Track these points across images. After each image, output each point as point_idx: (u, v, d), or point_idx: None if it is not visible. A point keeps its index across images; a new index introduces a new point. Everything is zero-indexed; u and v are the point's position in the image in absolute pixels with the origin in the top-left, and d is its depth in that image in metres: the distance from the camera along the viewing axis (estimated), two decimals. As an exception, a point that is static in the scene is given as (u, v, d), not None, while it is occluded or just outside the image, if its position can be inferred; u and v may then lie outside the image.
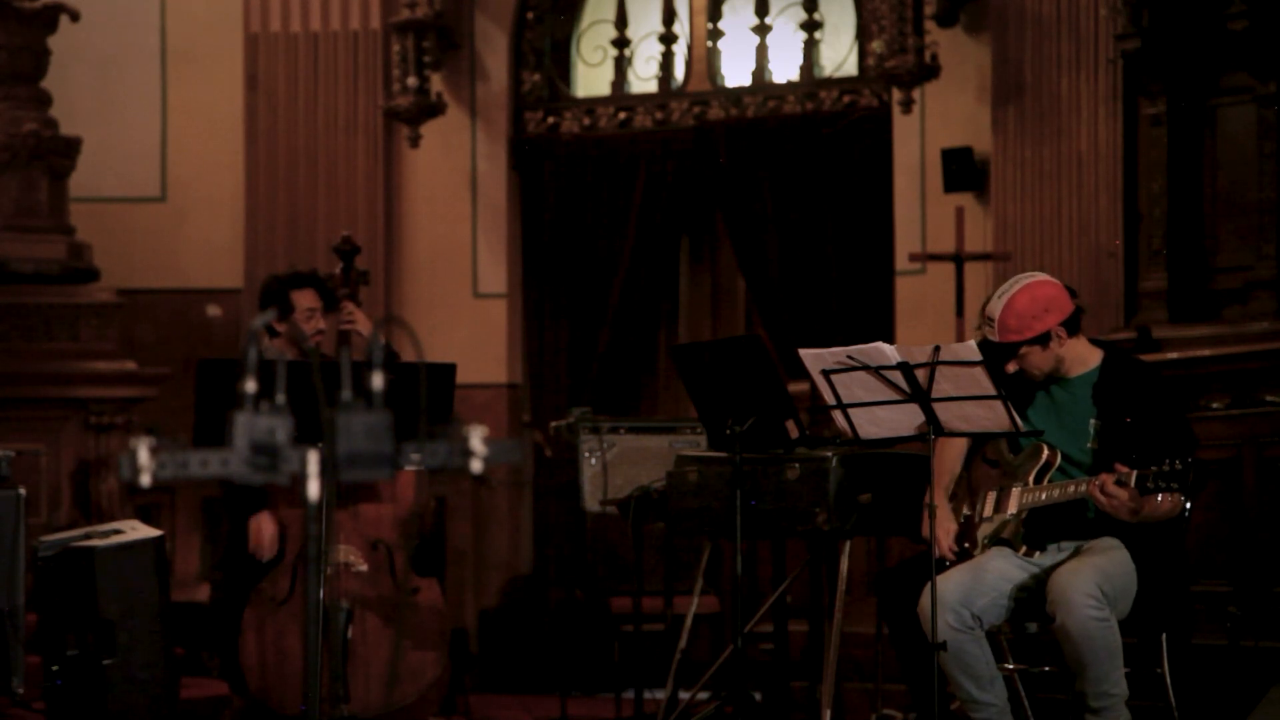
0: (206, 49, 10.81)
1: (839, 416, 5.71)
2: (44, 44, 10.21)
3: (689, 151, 10.46)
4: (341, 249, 7.38)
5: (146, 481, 2.86)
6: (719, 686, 7.13)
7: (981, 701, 5.63)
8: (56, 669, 6.45)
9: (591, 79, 10.87)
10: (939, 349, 5.44)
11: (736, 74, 10.57)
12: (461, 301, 10.72)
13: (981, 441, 5.84)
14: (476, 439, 2.98)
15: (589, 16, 10.88)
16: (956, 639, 5.57)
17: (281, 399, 2.90)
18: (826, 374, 5.61)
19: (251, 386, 2.91)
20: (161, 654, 6.55)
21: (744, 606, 6.35)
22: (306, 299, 7.07)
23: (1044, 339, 5.64)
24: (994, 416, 5.50)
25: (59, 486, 9.77)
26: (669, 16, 10.68)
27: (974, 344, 5.49)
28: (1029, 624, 5.73)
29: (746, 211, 10.24)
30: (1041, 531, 5.70)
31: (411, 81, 10.26)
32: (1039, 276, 5.78)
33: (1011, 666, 5.93)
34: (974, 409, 5.50)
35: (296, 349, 6.99)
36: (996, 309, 5.65)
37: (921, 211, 9.83)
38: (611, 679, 7.85)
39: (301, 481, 2.91)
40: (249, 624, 6.79)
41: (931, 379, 5.47)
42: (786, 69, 10.46)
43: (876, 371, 5.54)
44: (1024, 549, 5.70)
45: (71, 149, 10.13)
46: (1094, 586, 5.44)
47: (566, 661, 8.60)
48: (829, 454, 6.24)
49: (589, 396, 9.94)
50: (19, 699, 6.54)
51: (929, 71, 9.40)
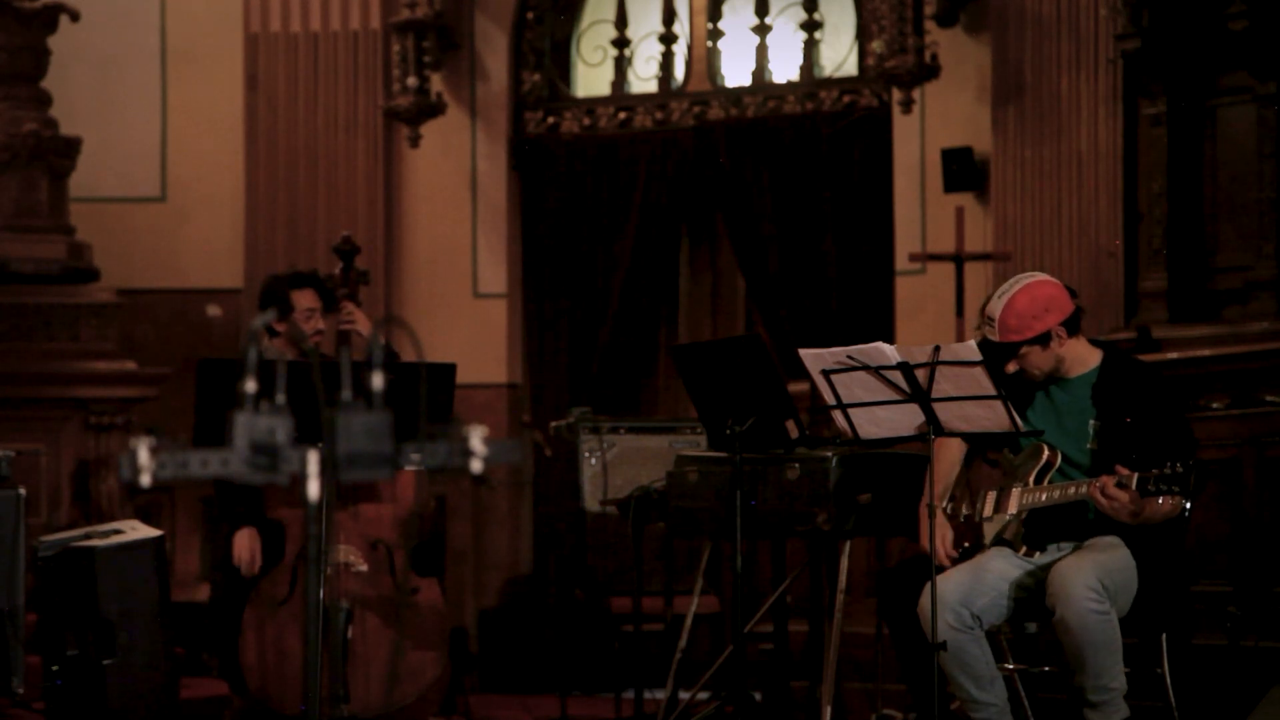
0: (206, 49, 10.81)
1: (839, 416, 5.70)
2: (44, 44, 10.20)
3: (689, 151, 10.45)
4: (341, 249, 7.38)
5: (146, 481, 2.86)
6: (719, 686, 7.13)
7: (981, 701, 5.63)
8: (56, 669, 6.45)
9: (591, 79, 10.87)
10: (939, 349, 5.44)
11: (736, 74, 10.56)
12: (461, 301, 10.72)
13: (980, 446, 5.84)
14: (476, 439, 2.98)
15: (589, 16, 10.88)
16: (956, 639, 5.56)
17: (281, 399, 2.90)
18: (826, 374, 5.61)
19: (251, 386, 2.91)
20: (161, 654, 6.55)
21: (744, 606, 6.35)
22: (306, 299, 7.07)
23: (1044, 339, 5.64)
24: (994, 416, 5.50)
25: (59, 486, 9.77)
26: (669, 16, 10.67)
27: (974, 344, 5.49)
28: (1029, 624, 5.73)
29: (746, 211, 10.24)
30: (1042, 532, 5.70)
31: (411, 81, 10.26)
32: (1039, 276, 5.78)
33: (1011, 666, 5.93)
34: (974, 409, 5.50)
35: (296, 349, 6.98)
36: (996, 309, 5.65)
37: (921, 211, 9.83)
38: (611, 679, 7.84)
39: (301, 481, 2.91)
40: (249, 624, 6.79)
41: (931, 379, 5.47)
42: (786, 69, 10.45)
43: (876, 371, 5.54)
44: (1024, 549, 5.69)
45: (71, 149, 10.12)
46: (1094, 580, 5.44)
47: (566, 661, 8.59)
48: (829, 454, 6.24)
49: (589, 396, 9.93)
50: (19, 699, 6.54)
51: (929, 71, 9.39)
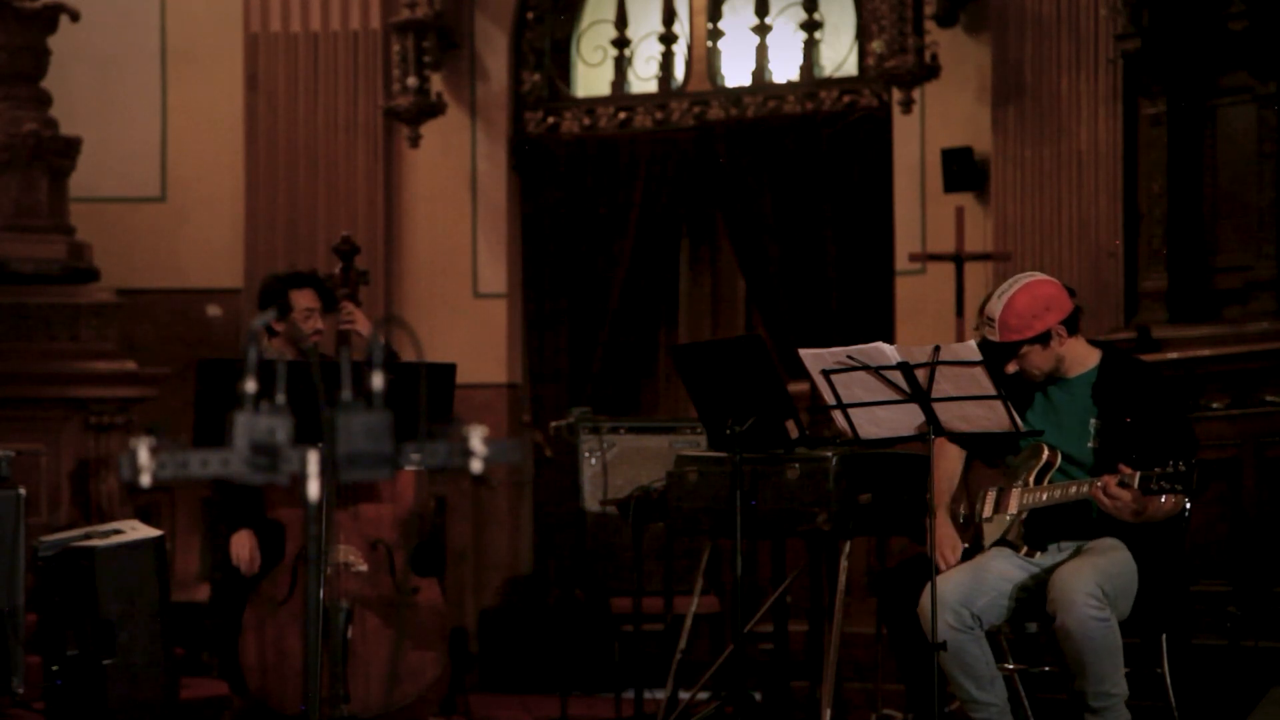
0: (206, 49, 10.81)
1: (839, 416, 5.70)
2: (44, 44, 10.19)
3: (689, 151, 10.45)
4: (341, 249, 7.38)
5: (146, 481, 2.86)
6: (719, 686, 7.13)
7: (981, 701, 5.62)
8: (56, 669, 6.45)
9: (591, 79, 10.86)
10: (939, 349, 5.44)
11: (736, 74, 10.56)
12: (461, 301, 10.72)
13: (979, 455, 5.83)
14: (476, 439, 2.98)
15: (589, 16, 10.87)
16: (956, 639, 5.56)
17: (281, 399, 2.90)
18: (826, 374, 5.61)
19: (251, 386, 2.91)
20: (161, 654, 6.55)
21: (744, 606, 6.35)
22: (305, 299, 7.07)
23: (1044, 338, 5.64)
24: (994, 416, 5.50)
25: (59, 486, 9.76)
26: (669, 16, 10.67)
27: (974, 344, 5.49)
28: (1029, 624, 5.73)
29: (746, 211, 10.24)
30: (1042, 531, 5.70)
31: (411, 81, 10.26)
32: (1038, 276, 5.78)
33: (1011, 666, 5.92)
34: (974, 409, 5.50)
35: (295, 349, 6.98)
36: (996, 309, 5.64)
37: (921, 211, 9.83)
38: (611, 679, 7.84)
39: (301, 481, 2.91)
40: (249, 624, 6.79)
41: (931, 379, 5.47)
42: (786, 69, 10.45)
43: (876, 371, 5.54)
44: (1025, 549, 5.69)
45: (71, 149, 10.12)
46: (1094, 586, 5.43)
47: (566, 661, 8.59)
48: (829, 454, 6.24)
49: (589, 396, 9.94)
50: (19, 699, 6.54)
51: (929, 71, 9.39)
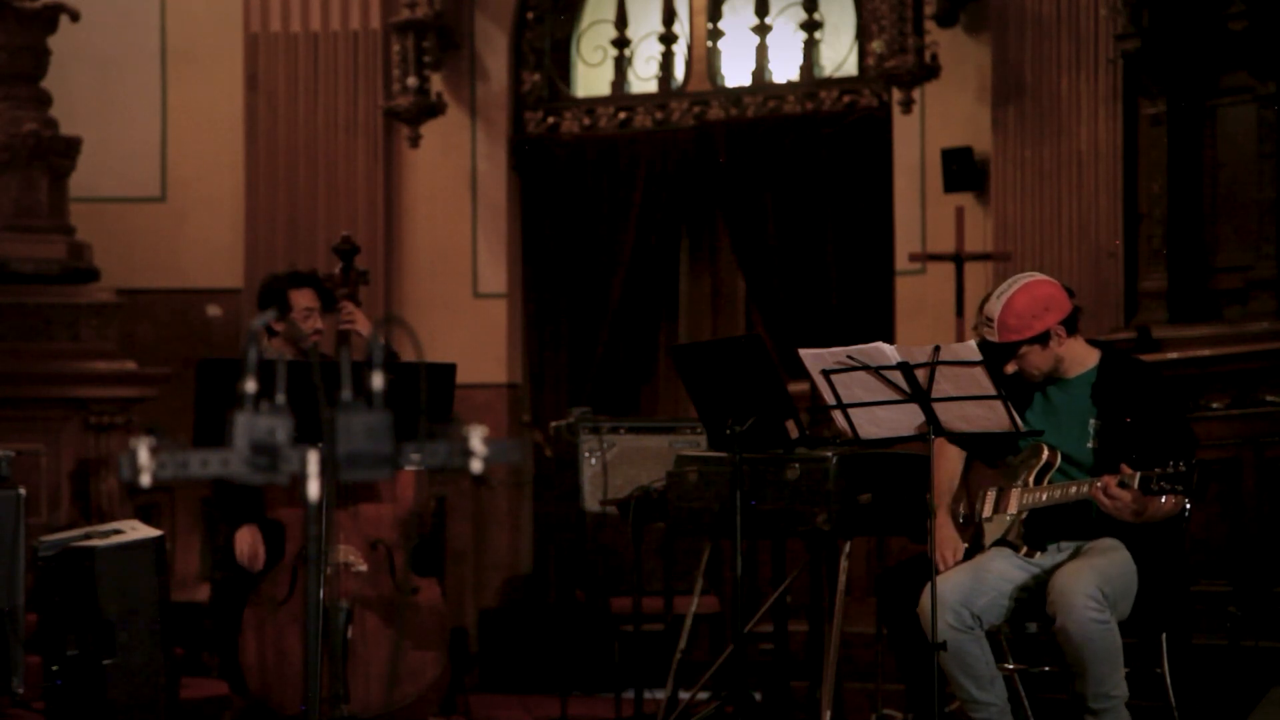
0: (206, 49, 10.81)
1: (839, 416, 5.70)
2: (44, 44, 10.20)
3: (689, 151, 10.45)
4: (341, 249, 7.38)
5: (146, 481, 2.86)
6: (719, 686, 7.13)
7: (981, 701, 5.62)
8: (56, 669, 6.44)
9: (591, 79, 10.87)
10: (939, 349, 5.44)
11: (736, 74, 10.56)
12: (461, 301, 10.72)
13: (980, 450, 5.83)
14: (476, 439, 2.98)
15: (589, 16, 10.88)
16: (956, 639, 5.56)
17: (281, 399, 2.90)
18: (826, 374, 5.61)
19: (251, 386, 2.91)
20: (161, 654, 6.55)
21: (744, 606, 6.35)
22: (304, 298, 7.07)
23: (1044, 338, 5.64)
24: (994, 416, 5.50)
25: (59, 486, 9.76)
26: (669, 16, 10.67)
27: (974, 344, 5.49)
28: (1029, 624, 5.72)
29: (746, 211, 10.24)
30: (1042, 532, 5.70)
31: (411, 81, 10.26)
32: (1037, 276, 5.78)
33: (1011, 666, 5.92)
34: (974, 409, 5.50)
35: (295, 349, 6.98)
36: (995, 309, 5.64)
37: (921, 211, 9.83)
38: (611, 679, 7.84)
39: (301, 481, 2.91)
40: (249, 624, 6.79)
41: (931, 379, 5.47)
42: (786, 69, 10.45)
43: (876, 371, 5.54)
44: (1024, 549, 5.69)
45: (71, 149, 10.12)
46: (1094, 589, 5.43)
47: (566, 661, 8.59)
48: (829, 454, 6.24)
49: (589, 396, 9.94)
50: (19, 699, 6.53)
51: (929, 71, 9.39)
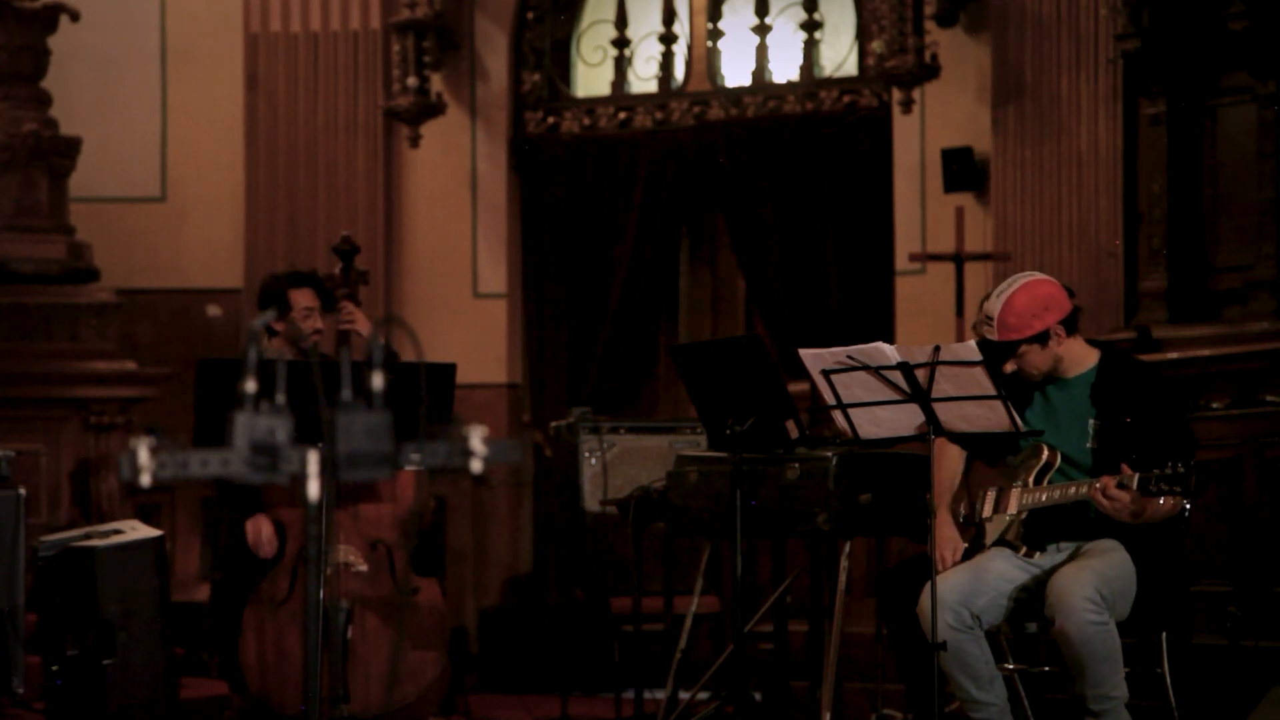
0: (206, 49, 10.81)
1: (839, 416, 5.70)
2: (44, 44, 10.20)
3: (689, 151, 10.45)
4: (341, 249, 7.38)
5: (146, 481, 2.86)
6: (719, 686, 7.13)
7: (981, 701, 5.62)
8: (56, 669, 6.45)
9: (591, 79, 10.86)
10: (939, 349, 5.44)
11: (736, 74, 10.56)
12: (461, 301, 10.72)
13: (980, 450, 5.83)
14: (476, 439, 2.98)
15: (589, 16, 10.87)
16: (956, 639, 5.56)
17: (281, 399, 2.90)
18: (826, 374, 5.61)
19: (251, 386, 2.91)
20: (161, 654, 6.55)
21: (744, 606, 6.35)
22: (304, 298, 7.07)
23: (1043, 337, 5.64)
24: (994, 416, 5.50)
25: (59, 486, 9.77)
26: (669, 16, 10.67)
27: (974, 344, 5.49)
28: (1029, 624, 5.73)
29: (747, 211, 10.24)
30: (1042, 532, 5.70)
31: (411, 81, 10.26)
32: (1037, 275, 5.78)
33: (1011, 666, 5.92)
34: (974, 409, 5.50)
35: (295, 349, 6.99)
36: (995, 308, 5.64)
37: (921, 211, 9.83)
38: (611, 679, 7.84)
39: (301, 481, 2.91)
40: (249, 624, 6.79)
41: (931, 379, 5.47)
42: (786, 69, 10.45)
43: (876, 371, 5.54)
44: (1024, 549, 5.69)
45: (71, 149, 10.12)
46: (1093, 590, 5.43)
47: (566, 661, 8.59)
48: (829, 454, 6.24)
49: (589, 396, 9.94)
50: (19, 699, 6.54)
51: (929, 71, 9.39)
